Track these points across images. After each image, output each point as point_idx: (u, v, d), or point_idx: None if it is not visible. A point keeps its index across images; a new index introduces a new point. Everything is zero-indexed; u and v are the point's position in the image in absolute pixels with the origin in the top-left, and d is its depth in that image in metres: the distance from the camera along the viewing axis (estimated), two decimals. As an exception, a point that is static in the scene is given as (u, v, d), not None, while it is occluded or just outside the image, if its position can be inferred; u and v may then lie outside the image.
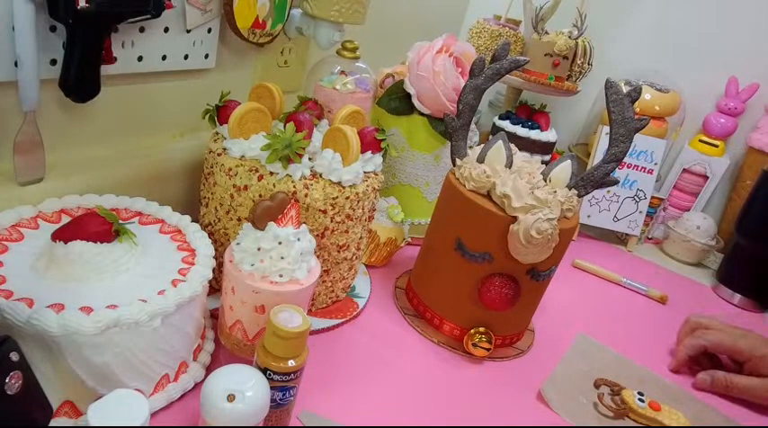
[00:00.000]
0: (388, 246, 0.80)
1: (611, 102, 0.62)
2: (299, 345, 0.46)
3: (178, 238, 0.56)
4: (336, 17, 0.74)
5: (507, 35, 1.07)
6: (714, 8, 1.13)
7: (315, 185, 0.59)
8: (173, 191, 0.70)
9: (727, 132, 1.14)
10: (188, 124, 0.74)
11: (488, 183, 0.62)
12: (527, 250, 0.60)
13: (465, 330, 0.67)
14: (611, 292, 0.94)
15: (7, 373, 0.35)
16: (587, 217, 1.08)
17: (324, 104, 0.75)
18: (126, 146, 0.67)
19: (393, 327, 0.70)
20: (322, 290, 0.67)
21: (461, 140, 0.69)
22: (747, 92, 1.11)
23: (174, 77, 0.69)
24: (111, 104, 0.63)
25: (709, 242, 1.08)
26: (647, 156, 1.07)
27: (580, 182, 0.64)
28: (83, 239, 0.47)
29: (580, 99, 1.19)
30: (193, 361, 0.54)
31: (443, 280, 0.69)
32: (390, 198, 0.83)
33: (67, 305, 0.44)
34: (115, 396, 0.40)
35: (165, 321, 0.46)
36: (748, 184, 1.09)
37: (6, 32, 0.50)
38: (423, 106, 0.82)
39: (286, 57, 0.85)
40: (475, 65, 0.66)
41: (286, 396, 0.47)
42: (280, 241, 0.49)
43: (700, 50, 1.15)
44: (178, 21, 0.64)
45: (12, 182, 0.55)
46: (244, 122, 0.59)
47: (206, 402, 0.43)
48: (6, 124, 0.54)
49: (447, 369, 0.65)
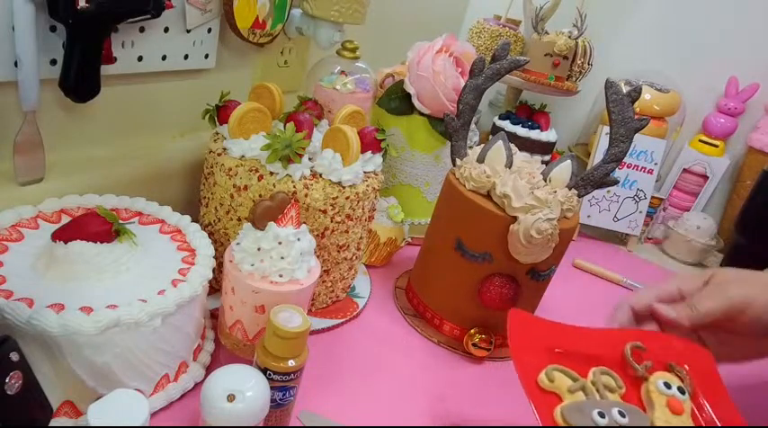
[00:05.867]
0: (388, 246, 0.80)
1: (611, 102, 0.62)
2: (299, 345, 0.46)
3: (178, 238, 0.56)
4: (336, 17, 0.74)
5: (507, 35, 1.07)
6: (714, 8, 1.13)
7: (315, 185, 0.59)
8: (173, 191, 0.70)
9: (727, 132, 1.14)
10: (188, 124, 0.74)
11: (488, 183, 0.62)
12: (527, 250, 0.60)
13: (465, 330, 0.67)
14: (611, 292, 0.94)
15: (7, 373, 0.35)
16: (587, 217, 1.08)
17: (324, 104, 0.75)
18: (126, 146, 0.67)
19: (393, 327, 0.70)
20: (322, 290, 0.67)
21: (461, 140, 0.69)
22: (747, 92, 1.11)
23: (173, 77, 0.69)
24: (111, 104, 0.63)
25: (710, 242, 1.08)
26: (647, 155, 1.07)
27: (580, 182, 0.64)
28: (83, 239, 0.47)
29: (580, 99, 1.19)
30: (193, 361, 0.54)
31: (443, 280, 0.69)
32: (390, 198, 0.83)
33: (67, 305, 0.44)
34: (115, 396, 0.40)
35: (165, 321, 0.46)
36: (748, 184, 1.09)
37: (6, 32, 0.50)
38: (423, 106, 0.82)
39: (286, 57, 0.85)
40: (475, 65, 0.66)
41: (286, 396, 0.47)
42: (280, 241, 0.49)
43: (700, 50, 1.15)
44: (178, 21, 0.64)
45: (12, 182, 0.55)
46: (244, 122, 0.59)
47: (206, 402, 0.43)
48: (6, 124, 0.54)
49: (447, 369, 0.65)
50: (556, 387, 0.45)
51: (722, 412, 0.47)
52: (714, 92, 1.15)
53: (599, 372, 0.47)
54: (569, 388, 0.44)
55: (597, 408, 0.43)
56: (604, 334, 0.51)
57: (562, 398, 0.44)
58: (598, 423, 0.42)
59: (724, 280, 0.53)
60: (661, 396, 0.46)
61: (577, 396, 0.44)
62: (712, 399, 0.48)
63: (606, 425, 0.42)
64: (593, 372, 0.47)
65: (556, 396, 0.45)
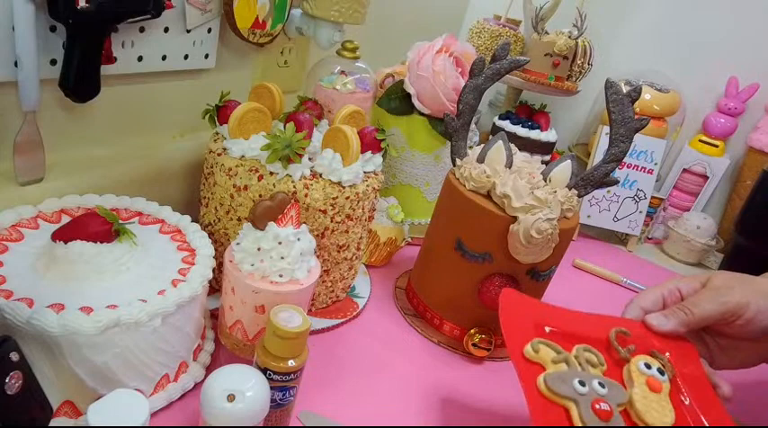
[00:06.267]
0: (388, 246, 0.80)
1: (611, 102, 0.62)
2: (299, 345, 0.46)
3: (178, 238, 0.56)
4: (336, 17, 0.74)
5: (507, 35, 1.07)
6: (714, 8, 1.13)
7: (315, 185, 0.59)
8: (173, 191, 0.70)
9: (727, 132, 1.14)
10: (188, 124, 0.74)
11: (488, 183, 0.62)
12: (527, 250, 0.60)
13: (465, 330, 0.67)
14: (611, 292, 0.94)
15: (7, 373, 0.35)
16: (587, 217, 1.08)
17: (324, 104, 0.75)
18: (126, 146, 0.67)
19: (393, 327, 0.70)
20: (322, 290, 0.67)
21: (461, 140, 0.69)
22: (747, 92, 1.11)
23: (173, 77, 0.69)
24: (111, 104, 0.63)
25: (710, 242, 1.08)
26: (647, 155, 1.07)
27: (580, 182, 0.64)
28: (83, 239, 0.47)
29: (580, 99, 1.19)
30: (193, 361, 0.54)
31: (443, 281, 0.69)
32: (390, 198, 0.83)
33: (67, 305, 0.44)
34: (115, 396, 0.40)
35: (165, 321, 0.46)
36: (748, 184, 1.09)
37: (6, 32, 0.50)
38: (423, 106, 0.82)
39: (286, 57, 0.85)
40: (475, 65, 0.66)
41: (286, 396, 0.47)
42: (280, 241, 0.49)
43: (700, 50, 1.15)
44: (178, 21, 0.64)
45: (12, 182, 0.55)
46: (244, 122, 0.59)
47: (206, 402, 0.43)
48: (6, 124, 0.54)
49: (447, 369, 0.65)
50: (540, 358, 0.47)
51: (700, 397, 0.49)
52: (714, 92, 1.15)
53: (582, 349, 0.49)
54: (553, 359, 0.47)
55: (578, 377, 0.46)
56: (592, 318, 0.54)
57: (546, 368, 0.47)
58: (578, 390, 0.45)
59: (721, 284, 0.54)
60: (641, 375, 0.48)
61: (560, 367, 0.47)
62: (691, 385, 0.50)
63: (586, 393, 0.45)
64: (577, 348, 0.49)
65: (540, 366, 0.47)
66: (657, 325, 0.53)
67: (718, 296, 0.53)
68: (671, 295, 0.56)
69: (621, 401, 0.46)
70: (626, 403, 0.46)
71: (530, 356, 0.48)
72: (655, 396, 0.47)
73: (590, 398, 0.45)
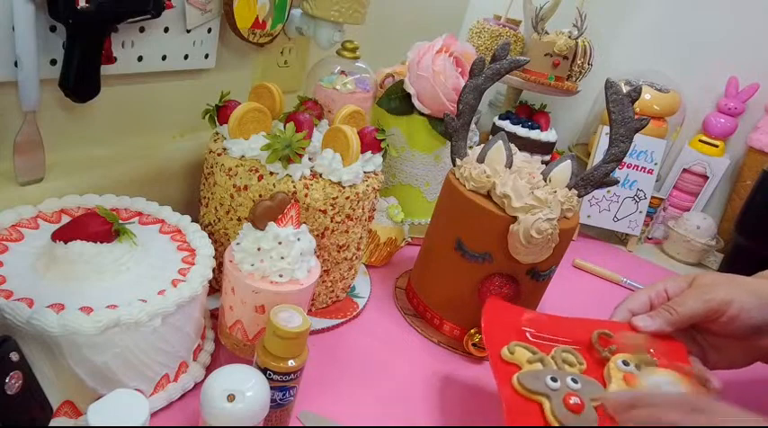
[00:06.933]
0: (388, 246, 0.80)
1: (611, 102, 0.62)
2: (299, 345, 0.46)
3: (178, 238, 0.56)
4: (336, 17, 0.74)
5: (507, 35, 1.07)
6: (714, 8, 1.13)
7: (315, 185, 0.59)
8: (173, 191, 0.70)
9: (727, 132, 1.14)
10: (188, 124, 0.74)
11: (488, 183, 0.62)
12: (527, 250, 0.60)
13: (465, 330, 0.67)
14: (611, 292, 0.94)
15: (7, 373, 0.35)
16: (587, 217, 1.08)
17: (324, 104, 0.75)
18: (126, 146, 0.67)
19: (393, 327, 0.70)
20: (322, 290, 0.67)
21: (461, 140, 0.69)
22: (747, 92, 1.11)
23: (173, 77, 0.69)
24: (111, 104, 0.63)
25: (710, 242, 1.08)
26: (646, 155, 1.07)
27: (580, 182, 0.64)
28: (83, 239, 0.47)
29: (580, 99, 1.19)
30: (193, 361, 0.54)
31: (443, 280, 0.69)
32: (390, 198, 0.83)
33: (67, 305, 0.44)
34: (115, 396, 0.40)
35: (165, 321, 0.46)
36: (748, 184, 1.09)
37: (6, 32, 0.50)
38: (423, 106, 0.82)
39: (286, 57, 0.85)
40: (475, 65, 0.66)
41: (286, 396, 0.47)
42: (280, 241, 0.49)
43: (700, 50, 1.15)
44: (178, 21, 0.64)
45: (12, 182, 0.55)
46: (244, 122, 0.59)
47: (206, 402, 0.43)
48: (6, 124, 0.54)
49: (447, 369, 0.65)
50: (515, 359, 0.50)
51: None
52: (714, 92, 1.15)
53: (561, 350, 0.51)
54: (528, 359, 0.49)
55: (551, 375, 0.47)
56: (578, 322, 0.55)
57: (521, 368, 0.49)
58: (551, 386, 0.46)
59: (705, 282, 0.55)
60: (619, 371, 0.50)
61: (535, 367, 0.49)
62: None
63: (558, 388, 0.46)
64: (555, 350, 0.51)
65: (516, 366, 0.49)
66: (644, 326, 0.54)
67: (703, 294, 0.54)
68: (658, 296, 0.57)
69: (595, 396, 0.47)
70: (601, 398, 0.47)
71: (506, 357, 0.49)
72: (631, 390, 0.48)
73: (562, 393, 0.46)
